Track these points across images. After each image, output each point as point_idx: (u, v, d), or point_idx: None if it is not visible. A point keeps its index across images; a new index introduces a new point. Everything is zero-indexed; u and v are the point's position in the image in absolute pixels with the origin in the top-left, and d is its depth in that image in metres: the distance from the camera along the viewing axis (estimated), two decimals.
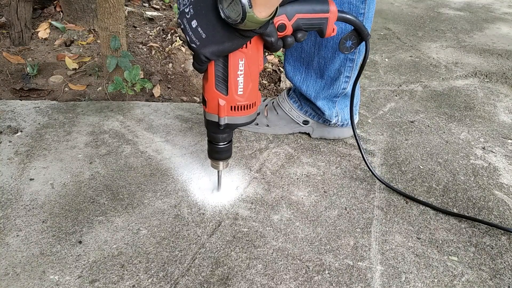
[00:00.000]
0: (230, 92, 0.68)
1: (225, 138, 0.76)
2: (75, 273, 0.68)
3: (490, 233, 0.82)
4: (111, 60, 1.23)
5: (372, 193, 0.90)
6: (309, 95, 1.01)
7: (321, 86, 1.00)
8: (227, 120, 0.71)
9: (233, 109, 0.70)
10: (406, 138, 1.13)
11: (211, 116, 0.71)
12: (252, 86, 0.70)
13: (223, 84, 0.68)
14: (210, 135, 0.76)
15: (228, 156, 0.79)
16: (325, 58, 0.95)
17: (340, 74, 0.97)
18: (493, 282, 0.71)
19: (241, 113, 0.71)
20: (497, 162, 1.04)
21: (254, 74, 0.69)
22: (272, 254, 0.74)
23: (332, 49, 0.93)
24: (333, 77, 0.98)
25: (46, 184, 0.87)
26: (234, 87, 0.68)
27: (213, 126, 0.73)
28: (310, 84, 1.00)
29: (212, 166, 0.82)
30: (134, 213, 0.81)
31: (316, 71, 0.99)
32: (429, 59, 1.70)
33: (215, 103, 0.69)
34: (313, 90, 1.00)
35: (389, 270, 0.72)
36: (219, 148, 0.76)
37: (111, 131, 1.06)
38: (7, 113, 1.11)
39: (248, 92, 0.69)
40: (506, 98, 1.39)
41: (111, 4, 1.17)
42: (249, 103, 0.71)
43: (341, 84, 0.99)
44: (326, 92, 1.00)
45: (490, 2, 2.69)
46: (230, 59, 0.65)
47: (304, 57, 0.98)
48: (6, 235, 0.75)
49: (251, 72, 0.68)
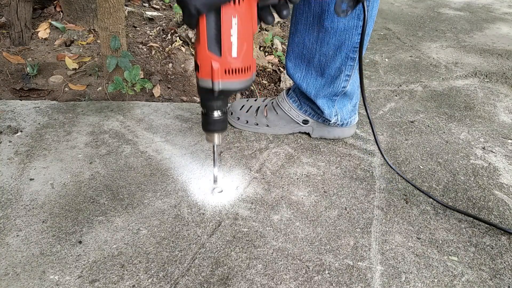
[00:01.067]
0: (223, 53, 0.65)
1: (219, 107, 0.72)
2: (75, 273, 0.68)
3: (490, 233, 0.82)
4: (111, 60, 1.23)
5: (372, 193, 0.90)
6: (309, 93, 1.01)
7: (321, 84, 1.00)
8: (221, 85, 0.67)
9: (227, 72, 0.66)
10: (406, 138, 1.13)
11: (204, 82, 0.68)
12: (247, 47, 0.67)
13: (216, 44, 0.64)
14: (204, 104, 0.72)
15: (224, 128, 0.75)
16: (326, 56, 0.95)
17: (341, 72, 0.97)
18: (493, 282, 0.71)
19: (236, 77, 0.67)
20: (497, 162, 1.04)
21: (248, 35, 0.66)
22: (272, 254, 0.74)
23: (334, 47, 0.93)
24: (333, 76, 0.98)
25: (46, 184, 0.87)
26: (227, 47, 0.64)
27: (207, 93, 0.69)
28: (311, 82, 1.00)
29: (207, 140, 0.78)
30: (134, 213, 0.81)
31: (317, 69, 0.99)
32: (429, 59, 1.70)
33: (208, 67, 0.66)
34: (313, 88, 1.00)
35: (389, 270, 0.72)
36: (214, 119, 0.73)
37: (111, 131, 1.06)
38: (7, 113, 1.11)
39: (242, 54, 0.66)
40: (506, 98, 1.39)
41: (111, 4, 1.17)
42: (244, 66, 0.67)
43: (341, 83, 0.99)
44: (326, 90, 1.00)
45: (490, 2, 2.69)
46: (223, 16, 0.62)
47: (306, 53, 0.98)
48: (6, 235, 0.75)
49: (244, 31, 0.65)
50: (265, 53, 1.65)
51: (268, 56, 1.63)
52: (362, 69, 0.86)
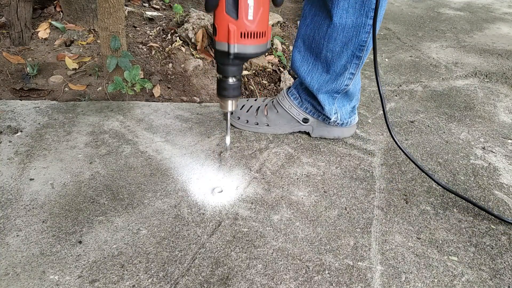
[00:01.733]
0: (240, 16, 0.67)
1: (234, 72, 0.74)
2: (75, 273, 0.68)
3: (490, 233, 0.82)
4: (111, 60, 1.23)
5: (372, 193, 0.90)
6: (312, 86, 1.01)
7: (325, 80, 1.00)
8: (237, 49, 0.69)
9: (243, 35, 0.69)
10: (406, 138, 1.13)
11: (221, 45, 0.70)
12: (263, 12, 0.69)
13: (234, 7, 0.67)
14: (220, 68, 0.74)
15: (238, 94, 0.77)
16: (332, 52, 0.96)
17: (346, 70, 0.97)
18: (493, 282, 0.71)
19: (252, 41, 0.70)
20: (497, 162, 1.04)
21: (264, 0, 0.69)
22: (272, 254, 0.74)
23: (341, 43, 0.93)
24: (338, 72, 0.98)
25: (46, 184, 0.87)
26: (244, 10, 0.67)
27: (223, 56, 0.71)
28: (315, 76, 1.01)
29: (220, 107, 0.80)
30: (134, 213, 0.81)
31: (323, 64, 0.99)
32: (429, 59, 1.70)
33: (225, 29, 0.68)
34: (317, 82, 1.01)
35: (389, 270, 0.72)
36: (229, 84, 0.75)
37: (111, 131, 1.06)
38: (7, 113, 1.11)
39: (258, 18, 0.69)
40: (506, 98, 1.39)
41: (111, 4, 1.17)
42: (259, 31, 0.70)
43: (345, 80, 0.99)
44: (329, 86, 1.00)
45: (490, 2, 2.69)
46: None
47: (314, 47, 0.99)
48: (6, 235, 0.75)
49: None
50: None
51: (268, 56, 1.63)
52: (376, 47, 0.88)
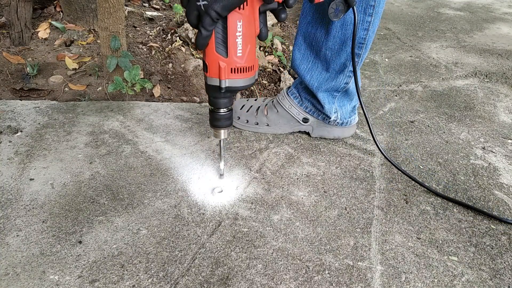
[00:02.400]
0: (230, 54, 0.71)
1: (226, 104, 0.78)
2: (75, 273, 0.68)
3: (490, 233, 0.82)
4: (111, 60, 1.23)
5: (372, 193, 0.90)
6: (311, 85, 1.01)
7: (325, 78, 1.00)
8: (227, 83, 0.73)
9: (233, 71, 0.73)
10: (406, 138, 1.13)
11: (212, 81, 0.74)
12: (250, 48, 0.73)
13: (223, 46, 0.71)
14: (212, 101, 0.78)
15: (230, 124, 0.82)
16: (332, 50, 0.96)
17: (345, 67, 0.97)
18: (493, 282, 0.71)
19: (241, 75, 0.74)
20: (497, 162, 1.04)
21: (252, 37, 0.72)
22: (272, 254, 0.74)
23: (340, 41, 0.94)
24: (338, 71, 0.98)
25: (46, 184, 0.87)
26: (233, 48, 0.70)
27: (215, 91, 0.75)
28: (315, 74, 1.01)
29: (214, 136, 0.84)
30: (134, 213, 0.81)
31: (323, 62, 0.99)
32: (429, 59, 1.70)
33: (216, 66, 0.72)
34: (317, 80, 1.01)
35: (389, 270, 0.72)
36: (221, 115, 0.79)
37: (111, 131, 1.06)
38: (7, 113, 1.11)
39: (246, 54, 0.72)
40: (506, 98, 1.39)
41: (111, 4, 1.17)
42: (248, 66, 0.74)
43: (344, 78, 0.99)
44: (329, 84, 1.01)
45: (490, 2, 2.69)
46: (229, 20, 0.68)
47: (314, 45, 0.99)
48: (6, 235, 0.75)
49: (248, 33, 0.71)
50: (265, 53, 1.65)
51: (268, 56, 1.63)
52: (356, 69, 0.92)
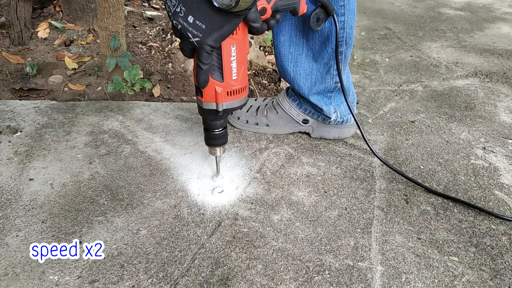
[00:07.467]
0: (225, 79, 0.72)
1: (222, 124, 0.80)
2: (74, 273, 0.68)
3: (491, 233, 0.81)
4: (111, 60, 1.23)
5: (373, 193, 0.90)
6: (302, 92, 1.01)
7: (312, 81, 1.00)
8: (224, 106, 0.75)
9: (229, 94, 0.74)
10: (406, 138, 1.12)
11: (208, 105, 0.75)
12: (243, 69, 0.74)
13: (219, 72, 0.71)
14: (208, 123, 0.79)
15: (225, 141, 0.83)
16: (313, 51, 0.96)
17: (330, 67, 0.97)
18: (494, 283, 0.71)
19: (237, 97, 0.75)
20: (498, 162, 1.03)
21: (244, 58, 0.74)
22: (272, 254, 0.74)
23: (319, 42, 0.94)
24: (322, 72, 0.98)
25: (46, 184, 0.87)
26: (229, 73, 0.72)
27: (212, 114, 0.76)
28: (301, 81, 1.00)
29: (210, 153, 0.85)
30: (133, 213, 0.81)
31: (305, 67, 0.99)
32: (430, 59, 1.70)
33: (212, 91, 0.73)
34: (305, 86, 1.01)
35: (390, 270, 0.72)
36: (217, 135, 0.80)
37: (111, 131, 1.06)
38: (7, 113, 1.10)
39: (241, 75, 0.74)
40: (506, 98, 1.39)
41: (111, 4, 1.17)
42: (242, 86, 0.75)
43: (333, 78, 0.99)
44: (319, 87, 1.00)
45: (491, 2, 2.68)
46: (223, 46, 0.69)
47: (292, 52, 0.98)
48: (5, 235, 0.74)
49: (241, 56, 0.72)
50: (265, 53, 1.65)
51: (268, 56, 1.63)
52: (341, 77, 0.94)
